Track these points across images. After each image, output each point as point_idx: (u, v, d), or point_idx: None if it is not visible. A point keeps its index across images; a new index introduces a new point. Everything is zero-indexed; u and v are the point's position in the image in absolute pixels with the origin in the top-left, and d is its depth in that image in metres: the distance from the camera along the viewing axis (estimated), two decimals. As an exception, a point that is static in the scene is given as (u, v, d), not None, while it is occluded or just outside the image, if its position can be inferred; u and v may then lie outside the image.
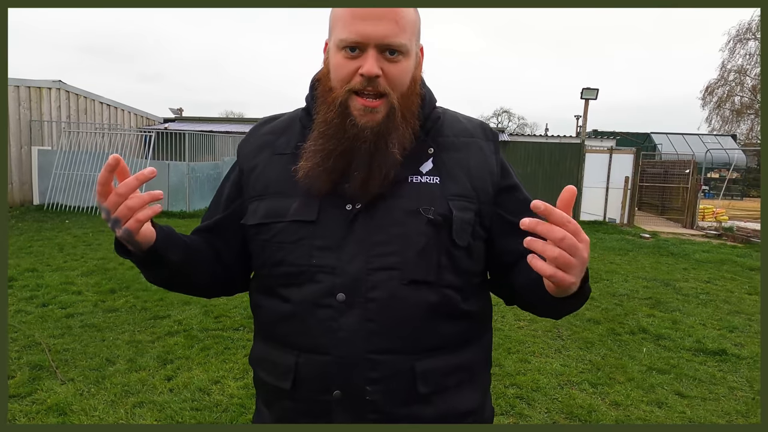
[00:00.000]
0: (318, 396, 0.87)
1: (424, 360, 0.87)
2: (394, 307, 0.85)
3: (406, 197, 0.87)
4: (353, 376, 0.85)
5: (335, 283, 0.85)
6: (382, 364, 0.85)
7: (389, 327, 0.85)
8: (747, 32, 25.42)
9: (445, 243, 0.87)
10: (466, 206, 0.89)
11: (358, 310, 0.84)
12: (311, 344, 0.87)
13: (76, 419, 2.62)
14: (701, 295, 5.62)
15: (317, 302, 0.86)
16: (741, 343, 4.17)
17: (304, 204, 0.87)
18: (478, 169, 0.92)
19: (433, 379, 0.88)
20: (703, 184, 17.99)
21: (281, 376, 0.90)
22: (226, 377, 3.15)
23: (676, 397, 3.18)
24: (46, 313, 4.16)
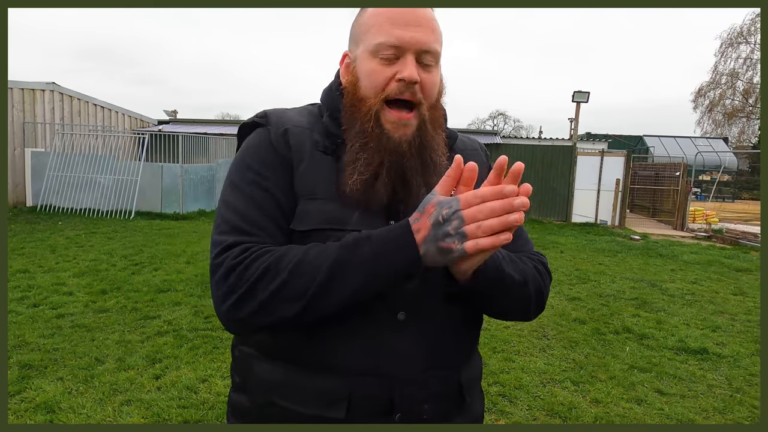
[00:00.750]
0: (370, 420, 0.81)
1: (466, 370, 0.90)
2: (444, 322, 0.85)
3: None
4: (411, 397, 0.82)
5: (397, 300, 0.81)
6: (433, 382, 0.84)
7: (442, 341, 0.85)
8: (739, 36, 25.68)
9: None
10: None
11: (415, 327, 0.82)
12: (364, 366, 0.81)
13: (64, 417, 2.66)
14: (687, 295, 5.70)
15: (376, 320, 0.81)
16: (723, 343, 4.25)
17: (364, 215, 0.82)
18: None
19: (472, 386, 0.92)
20: (694, 187, 18.15)
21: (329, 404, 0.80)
22: (213, 376, 3.20)
23: (656, 395, 3.25)
24: (37, 314, 4.19)
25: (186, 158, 10.94)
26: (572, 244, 8.85)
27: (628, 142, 21.98)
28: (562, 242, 9.03)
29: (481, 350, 3.77)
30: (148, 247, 7.09)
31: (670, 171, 13.02)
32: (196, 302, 4.65)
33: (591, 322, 4.60)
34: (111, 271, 5.63)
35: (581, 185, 11.67)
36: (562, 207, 11.82)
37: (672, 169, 12.94)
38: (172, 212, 10.28)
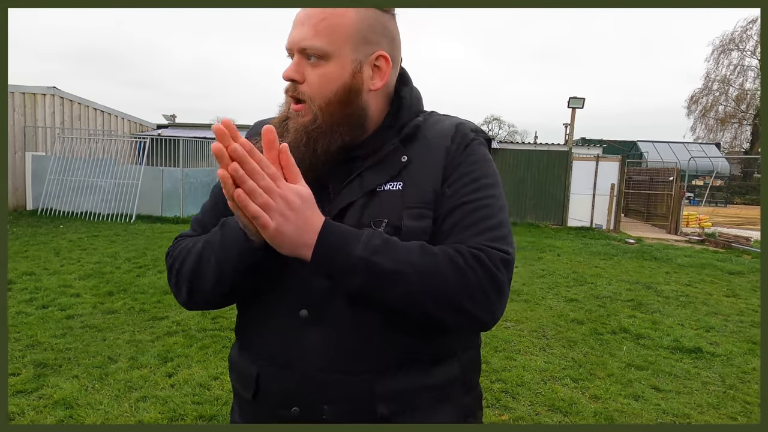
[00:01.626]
0: (276, 411, 0.84)
1: (384, 379, 0.81)
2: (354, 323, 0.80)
3: (370, 208, 0.82)
4: (311, 394, 0.82)
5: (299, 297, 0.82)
6: (340, 385, 0.81)
7: (352, 345, 0.80)
8: (730, 43, 26.07)
9: None
10: (423, 214, 0.82)
11: (323, 327, 0.81)
12: (273, 356, 0.84)
13: (83, 412, 2.75)
14: (681, 297, 5.84)
15: (281, 313, 0.83)
16: (716, 342, 4.38)
17: None
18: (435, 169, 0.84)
19: (396, 399, 0.82)
20: (687, 192, 18.38)
21: (244, 384, 0.88)
22: (224, 373, 3.29)
23: (652, 391, 3.37)
24: (47, 315, 4.26)
25: (186, 162, 11.02)
26: (568, 248, 8.99)
27: (623, 147, 22.25)
28: (559, 246, 9.16)
29: (483, 350, 3.87)
30: (151, 250, 7.16)
31: (663, 176, 13.22)
32: (202, 303, 4.74)
33: (589, 322, 4.72)
34: (116, 274, 5.71)
35: (577, 190, 11.84)
36: (558, 211, 11.98)
37: (665, 174, 13.14)
38: (173, 216, 10.35)
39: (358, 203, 0.82)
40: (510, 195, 12.12)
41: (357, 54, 0.82)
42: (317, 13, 0.81)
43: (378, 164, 0.84)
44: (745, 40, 25.67)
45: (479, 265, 0.75)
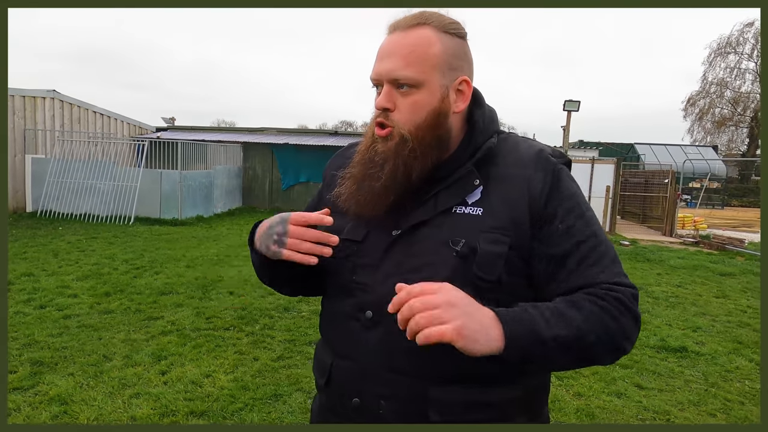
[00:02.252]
0: (342, 398, 0.94)
1: (439, 387, 0.87)
2: None
3: (445, 228, 0.88)
4: (369, 388, 0.90)
5: (366, 300, 0.91)
6: (395, 383, 0.88)
7: (408, 348, 0.84)
8: (727, 46, 26.18)
9: (470, 276, 0.86)
10: (499, 239, 0.87)
11: (383, 328, 0.89)
12: (344, 351, 0.95)
13: (77, 408, 2.82)
14: (671, 298, 5.92)
15: (349, 314, 0.93)
16: (702, 342, 4.45)
17: (355, 225, 0.95)
18: (520, 200, 0.89)
19: (449, 409, 0.87)
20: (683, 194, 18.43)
21: (321, 372, 1.00)
22: (217, 371, 3.37)
23: (635, 389, 3.44)
24: (44, 315, 4.34)
25: (185, 165, 11.11)
26: (563, 250, 9.07)
27: (620, 149, 22.34)
28: (553, 247, 9.24)
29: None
30: (149, 251, 7.24)
31: (659, 178, 13.30)
32: (197, 304, 4.82)
33: (577, 322, 4.80)
34: (113, 275, 5.79)
35: (572, 192, 11.91)
36: (554, 213, 12.06)
37: (661, 176, 13.22)
38: (171, 218, 10.44)
39: (433, 222, 0.89)
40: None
41: (444, 80, 0.89)
42: (405, 45, 0.88)
43: (452, 186, 0.91)
44: (742, 43, 25.81)
45: (624, 308, 0.83)
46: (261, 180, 14.01)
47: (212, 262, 6.69)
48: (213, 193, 11.95)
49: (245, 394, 3.07)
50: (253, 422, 2.77)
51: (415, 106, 0.88)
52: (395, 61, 0.88)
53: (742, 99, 26.61)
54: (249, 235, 0.99)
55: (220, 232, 9.57)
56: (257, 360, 3.60)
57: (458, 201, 0.90)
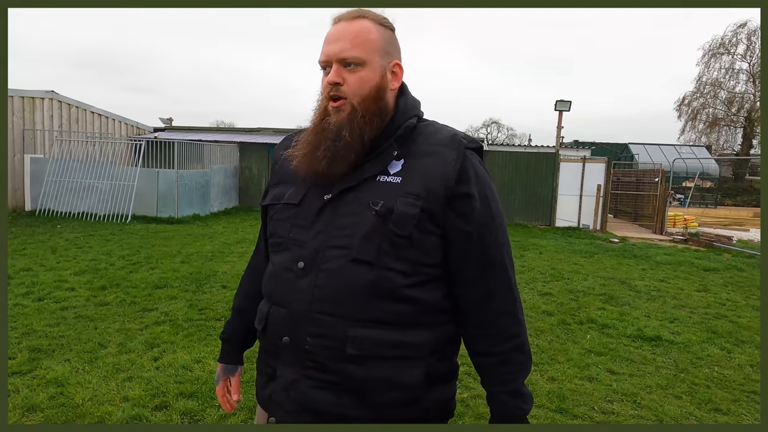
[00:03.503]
0: (276, 339, 1.08)
1: (357, 328, 1.02)
2: (338, 278, 1.02)
3: (368, 192, 1.04)
4: (298, 328, 1.05)
5: (300, 254, 1.06)
6: (320, 323, 1.03)
7: (332, 294, 1.02)
8: (720, 47, 26.40)
9: (387, 232, 1.01)
10: (413, 203, 1.02)
11: (311, 277, 1.04)
12: (279, 299, 1.09)
13: (73, 390, 2.98)
14: (652, 291, 6.08)
15: (286, 267, 1.08)
16: (678, 332, 4.61)
17: (294, 191, 1.12)
18: (434, 174, 1.05)
19: (365, 345, 1.02)
20: (678, 193, 18.60)
21: (259, 320, 1.15)
22: (207, 357, 3.52)
23: (607, 374, 3.60)
24: (42, 306, 4.50)
25: (181, 164, 11.26)
26: (552, 247, 9.23)
27: (614, 149, 22.54)
28: (543, 245, 9.41)
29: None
30: (145, 248, 7.40)
31: (650, 177, 13.47)
32: (191, 297, 4.98)
33: (559, 314, 4.96)
34: (110, 270, 5.94)
35: (564, 191, 12.08)
36: (546, 212, 12.23)
37: (652, 175, 13.39)
38: (168, 216, 10.59)
39: (359, 188, 1.05)
40: (499, 196, 12.32)
41: (382, 61, 1.07)
42: (350, 32, 1.05)
43: (376, 158, 1.07)
44: (735, 44, 26.03)
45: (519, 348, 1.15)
46: (257, 179, 14.18)
47: (207, 258, 6.84)
48: (209, 192, 12.11)
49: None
50: (239, 403, 2.92)
51: (362, 81, 1.05)
52: (342, 44, 1.04)
53: (736, 99, 26.82)
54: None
55: (215, 230, 9.72)
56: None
57: (380, 170, 1.06)
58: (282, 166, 1.19)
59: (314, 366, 1.04)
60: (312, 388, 1.05)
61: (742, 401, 3.27)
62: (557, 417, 2.96)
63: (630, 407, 3.12)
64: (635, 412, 3.06)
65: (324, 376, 1.04)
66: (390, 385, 1.04)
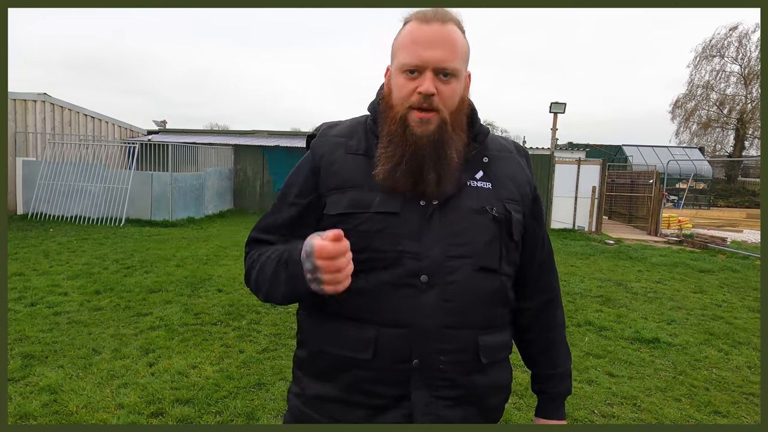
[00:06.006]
0: (397, 365, 0.98)
1: (485, 336, 1.03)
2: (467, 289, 1.00)
3: (469, 198, 1.02)
4: (428, 347, 0.98)
5: (419, 266, 0.98)
6: (453, 338, 0.99)
7: (462, 306, 0.99)
8: (712, 49, 26.62)
9: (504, 237, 1.04)
10: (517, 209, 1.07)
11: (438, 290, 0.98)
12: (392, 319, 0.98)
13: (67, 397, 2.93)
14: (649, 293, 6.09)
15: (402, 282, 0.98)
16: (675, 334, 4.61)
17: (386, 198, 1.00)
18: (520, 179, 1.10)
19: (491, 352, 1.04)
20: (671, 195, 18.69)
21: (360, 348, 0.99)
22: (203, 363, 3.48)
23: (606, 377, 3.59)
24: (35, 312, 4.43)
25: (175, 167, 11.19)
26: (548, 248, 9.23)
27: (608, 151, 22.63)
28: (539, 246, 9.40)
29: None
30: (139, 252, 7.33)
31: (644, 179, 13.53)
32: (186, 301, 4.93)
33: (556, 316, 4.94)
34: (104, 274, 5.87)
35: (559, 193, 12.11)
36: (542, 213, 12.23)
37: (646, 176, 13.45)
38: (162, 219, 10.51)
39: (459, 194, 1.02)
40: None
41: (465, 72, 1.03)
42: (448, 38, 0.97)
43: (466, 164, 1.04)
44: (727, 47, 26.25)
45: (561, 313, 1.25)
46: (252, 182, 14.11)
47: (202, 262, 6.79)
48: (204, 195, 12.03)
49: (229, 383, 3.19)
50: (237, 409, 2.89)
51: (453, 93, 1.00)
52: (444, 52, 0.96)
53: (728, 101, 27.04)
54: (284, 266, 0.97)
55: (210, 233, 9.66)
56: (243, 352, 3.72)
57: (470, 177, 1.05)
58: (342, 167, 1.05)
59: (446, 384, 1.00)
60: (445, 407, 1.01)
61: (741, 403, 3.27)
62: (557, 421, 2.94)
63: (630, 410, 3.11)
64: (635, 416, 3.05)
65: (454, 393, 1.01)
66: (500, 387, 1.09)
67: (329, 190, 1.04)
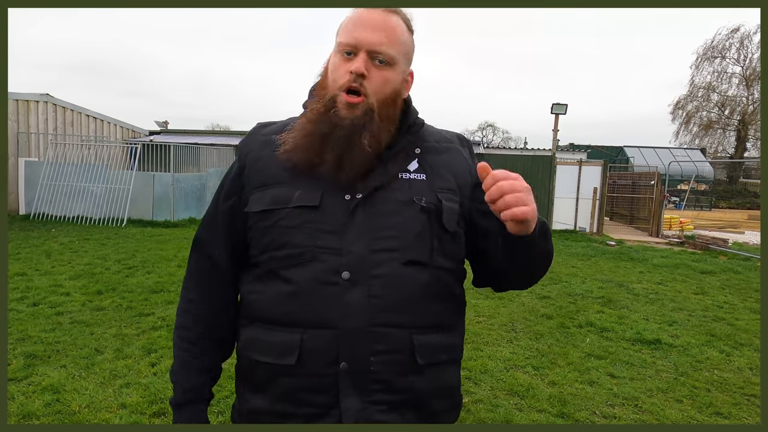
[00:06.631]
0: (324, 369, 0.92)
1: (420, 335, 0.95)
2: (394, 284, 0.93)
3: (399, 190, 0.97)
4: (359, 348, 0.91)
5: (341, 262, 0.92)
6: (385, 337, 0.92)
7: (391, 303, 0.92)
8: (713, 51, 26.62)
9: (436, 228, 0.97)
10: (452, 198, 1.01)
11: (362, 287, 0.91)
12: (317, 320, 0.92)
13: (69, 397, 2.94)
14: (650, 294, 6.08)
15: (323, 280, 0.92)
16: (677, 335, 4.61)
17: (306, 192, 0.95)
18: (460, 168, 1.05)
19: (428, 352, 0.96)
20: (672, 196, 18.67)
21: (284, 353, 0.93)
22: (205, 363, 3.48)
23: (608, 377, 3.59)
24: (37, 312, 4.45)
25: (177, 167, 11.21)
26: (550, 250, 9.23)
27: (609, 152, 22.63)
28: (541, 247, 9.40)
29: (453, 341, 4.10)
30: (141, 252, 7.34)
31: (645, 180, 13.52)
32: (188, 301, 4.93)
33: (558, 317, 4.95)
34: (105, 274, 5.89)
35: (561, 194, 12.11)
36: (543, 214, 12.04)
37: (648, 178, 13.44)
38: (163, 220, 10.53)
39: (388, 186, 0.97)
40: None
41: (404, 67, 1.00)
42: (389, 24, 0.95)
43: (397, 155, 1.00)
44: (728, 48, 26.24)
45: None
46: (254, 183, 14.11)
47: (203, 262, 6.79)
48: (205, 195, 12.04)
49: (231, 383, 3.17)
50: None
51: (386, 81, 0.95)
52: (380, 35, 0.94)
53: (729, 102, 27.02)
54: None
55: (212, 233, 9.66)
56: (245, 353, 3.72)
57: (402, 169, 1.00)
58: (266, 164, 1.01)
59: (380, 388, 0.93)
60: (380, 412, 0.94)
61: (743, 405, 3.27)
62: (559, 422, 2.94)
63: (631, 411, 3.11)
64: (637, 417, 3.05)
65: (389, 397, 0.94)
66: (443, 390, 1.01)
67: (253, 189, 1.01)
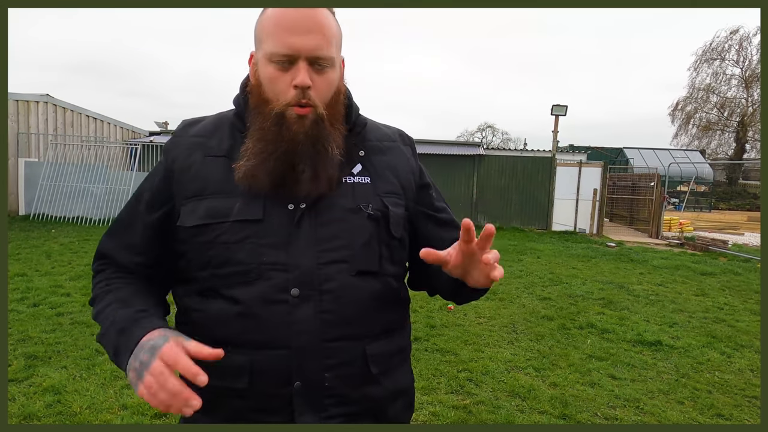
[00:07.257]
0: (277, 390, 0.88)
1: (373, 344, 0.93)
2: (345, 297, 0.89)
3: (344, 196, 0.92)
4: (312, 365, 0.87)
5: (288, 278, 0.87)
6: (338, 351, 0.89)
7: (342, 316, 0.89)
8: (713, 52, 26.67)
9: (384, 236, 0.93)
10: (397, 202, 0.97)
11: (313, 303, 0.87)
12: (267, 340, 0.87)
13: (70, 398, 2.93)
14: (651, 296, 6.09)
15: (271, 298, 0.86)
16: (678, 336, 4.61)
17: (247, 204, 0.88)
18: (403, 170, 1.00)
19: (382, 360, 0.94)
20: (672, 197, 18.70)
21: (234, 376, 0.88)
22: (206, 364, 3.48)
23: (609, 379, 3.59)
24: (38, 312, 4.44)
25: (177, 168, 11.20)
26: (549, 251, 9.24)
27: (609, 153, 22.66)
28: (540, 249, 9.41)
29: (453, 343, 4.11)
30: (141, 253, 7.33)
31: (645, 181, 13.54)
32: (188, 302, 4.93)
33: (558, 318, 4.95)
34: (106, 275, 5.88)
35: (560, 195, 12.12)
36: (543, 216, 12.25)
37: (647, 179, 13.46)
38: (163, 221, 10.53)
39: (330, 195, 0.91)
40: (496, 200, 12.38)
41: (339, 58, 0.93)
42: (321, 23, 0.87)
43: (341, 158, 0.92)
44: (727, 50, 26.31)
45: None
46: (254, 183, 14.11)
47: (204, 263, 6.79)
48: (205, 196, 12.05)
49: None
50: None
51: (329, 85, 0.90)
52: (317, 38, 0.86)
53: (728, 104, 27.08)
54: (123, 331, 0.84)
55: (212, 234, 9.67)
56: (246, 354, 3.72)
57: (346, 172, 0.94)
58: (198, 171, 0.92)
59: (335, 402, 0.90)
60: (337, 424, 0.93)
61: (744, 406, 3.27)
62: (561, 423, 2.94)
63: (633, 413, 3.11)
64: (638, 418, 3.05)
65: (345, 409, 0.91)
66: (398, 392, 1.00)
67: (185, 199, 0.91)
